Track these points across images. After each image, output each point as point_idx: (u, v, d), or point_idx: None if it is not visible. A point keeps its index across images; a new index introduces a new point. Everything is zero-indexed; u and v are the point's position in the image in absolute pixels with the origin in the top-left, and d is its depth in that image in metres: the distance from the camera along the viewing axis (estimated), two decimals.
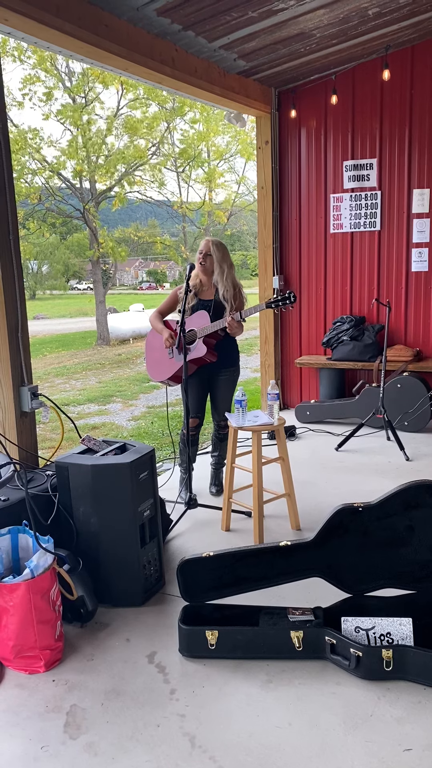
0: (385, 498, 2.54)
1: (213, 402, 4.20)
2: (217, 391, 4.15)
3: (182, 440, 4.22)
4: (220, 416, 4.21)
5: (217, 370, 4.07)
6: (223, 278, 3.96)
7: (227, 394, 4.17)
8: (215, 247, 3.99)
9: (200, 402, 4.14)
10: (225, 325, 3.81)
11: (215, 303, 3.99)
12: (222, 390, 4.14)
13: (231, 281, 3.99)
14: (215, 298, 4.00)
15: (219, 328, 3.85)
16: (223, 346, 4.00)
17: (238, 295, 3.99)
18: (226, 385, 4.14)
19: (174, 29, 4.15)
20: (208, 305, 3.97)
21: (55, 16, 3.34)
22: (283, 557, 2.63)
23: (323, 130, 5.94)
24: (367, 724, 2.17)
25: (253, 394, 7.54)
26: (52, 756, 2.09)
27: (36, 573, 2.48)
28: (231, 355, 4.12)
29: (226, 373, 4.12)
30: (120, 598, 2.96)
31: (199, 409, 4.14)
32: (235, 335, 3.95)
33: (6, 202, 3.17)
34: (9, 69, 22.29)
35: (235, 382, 4.19)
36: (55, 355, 15.27)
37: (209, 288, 4.03)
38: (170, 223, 26.88)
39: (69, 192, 16.93)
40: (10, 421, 3.32)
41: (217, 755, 2.06)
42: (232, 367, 4.14)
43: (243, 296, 4.03)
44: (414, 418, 5.46)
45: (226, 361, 4.06)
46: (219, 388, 4.14)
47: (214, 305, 3.98)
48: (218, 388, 4.14)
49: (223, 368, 4.08)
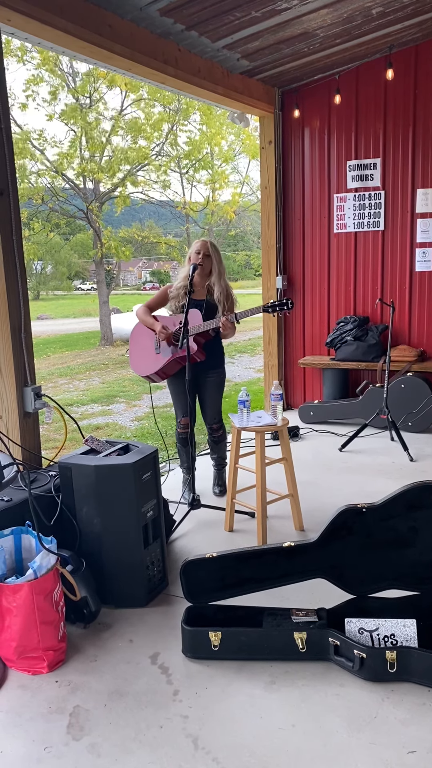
0: (389, 499, 2.53)
1: (202, 405, 4.17)
2: (205, 394, 4.12)
3: (178, 440, 4.21)
4: (211, 420, 4.18)
5: (204, 371, 4.04)
6: (220, 281, 3.96)
7: (216, 396, 4.15)
8: (213, 248, 3.98)
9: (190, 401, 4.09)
10: (218, 325, 3.81)
11: (207, 303, 3.97)
12: (210, 392, 4.12)
13: (225, 284, 3.99)
14: (207, 299, 3.99)
15: (211, 327, 3.84)
16: (209, 347, 3.99)
17: (230, 298, 3.98)
18: (214, 386, 4.12)
19: (177, 29, 4.14)
20: (200, 305, 3.95)
21: (58, 16, 3.34)
22: (287, 558, 2.62)
23: (327, 129, 5.93)
24: (371, 726, 2.17)
25: (256, 395, 7.53)
26: (54, 757, 2.08)
27: (39, 574, 2.48)
28: (217, 357, 4.11)
29: (213, 374, 4.10)
30: (123, 599, 2.95)
31: (189, 409, 4.11)
32: (226, 337, 3.95)
33: (9, 203, 3.17)
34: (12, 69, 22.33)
35: (222, 384, 4.17)
36: (59, 356, 15.28)
37: (201, 288, 4.01)
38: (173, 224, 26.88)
39: (73, 192, 16.95)
40: (13, 422, 3.32)
41: (220, 757, 2.06)
42: (218, 368, 4.13)
43: (234, 299, 4.03)
44: (418, 419, 5.45)
45: (212, 362, 4.04)
46: (207, 390, 4.11)
47: (206, 306, 3.96)
48: (206, 390, 4.11)
49: (210, 369, 4.06)
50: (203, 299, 3.98)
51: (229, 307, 3.97)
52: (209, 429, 4.25)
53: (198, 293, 4.00)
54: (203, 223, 22.37)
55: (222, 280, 3.97)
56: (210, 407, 4.15)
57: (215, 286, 3.96)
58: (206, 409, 4.17)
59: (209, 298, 3.98)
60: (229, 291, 4.00)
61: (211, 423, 4.20)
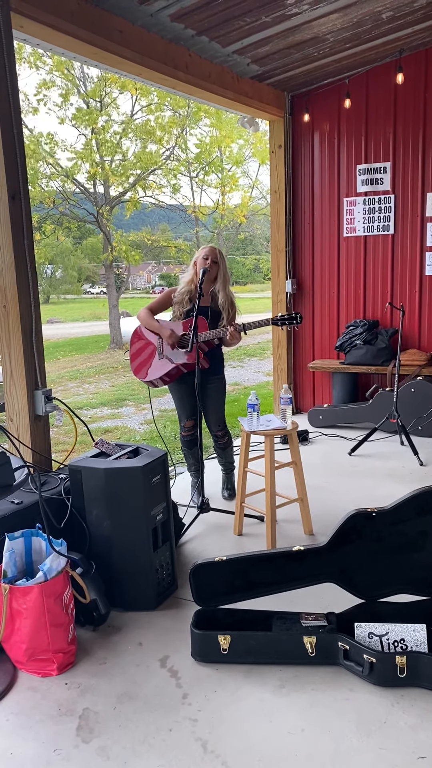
0: (399, 503, 2.53)
1: (205, 413, 4.14)
2: (207, 400, 4.08)
3: (183, 444, 4.21)
4: (215, 427, 4.17)
5: (206, 378, 3.99)
6: (225, 288, 3.96)
7: (218, 402, 4.14)
8: (220, 255, 3.98)
9: (192, 403, 4.07)
10: (225, 334, 3.81)
11: (211, 310, 3.97)
12: (212, 398, 4.10)
13: (229, 291, 4.00)
14: (211, 306, 3.98)
15: (218, 336, 3.85)
16: (211, 355, 3.99)
17: (233, 306, 3.99)
18: (216, 393, 4.10)
19: (187, 34, 4.17)
20: (205, 312, 3.95)
21: (69, 23, 3.37)
22: (296, 562, 2.62)
23: (336, 133, 5.93)
24: (381, 731, 2.16)
25: (265, 399, 7.53)
26: (64, 759, 2.09)
27: (49, 576, 2.49)
28: (218, 364, 4.10)
29: (214, 380, 4.08)
30: (133, 602, 2.96)
31: (192, 412, 4.11)
32: (231, 345, 3.95)
33: (21, 207, 3.19)
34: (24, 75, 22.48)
35: (224, 391, 4.17)
36: (69, 359, 15.34)
37: (206, 295, 4.00)
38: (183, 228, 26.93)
39: (83, 196, 17.03)
40: (24, 425, 3.34)
41: (229, 761, 2.05)
42: (219, 375, 4.11)
43: (237, 307, 4.03)
44: (428, 423, 5.42)
45: (213, 369, 4.03)
46: (209, 396, 4.08)
47: (211, 312, 3.96)
48: (208, 396, 4.07)
49: (211, 376, 4.03)
50: (208, 306, 3.98)
51: (233, 315, 3.98)
52: (214, 437, 4.23)
53: (203, 299, 4.01)
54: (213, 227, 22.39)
55: (227, 288, 3.98)
56: (213, 414, 4.14)
57: (219, 294, 3.96)
58: (210, 416, 4.15)
59: (213, 305, 3.99)
60: (233, 299, 4.01)
61: (216, 431, 4.18)
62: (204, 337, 3.84)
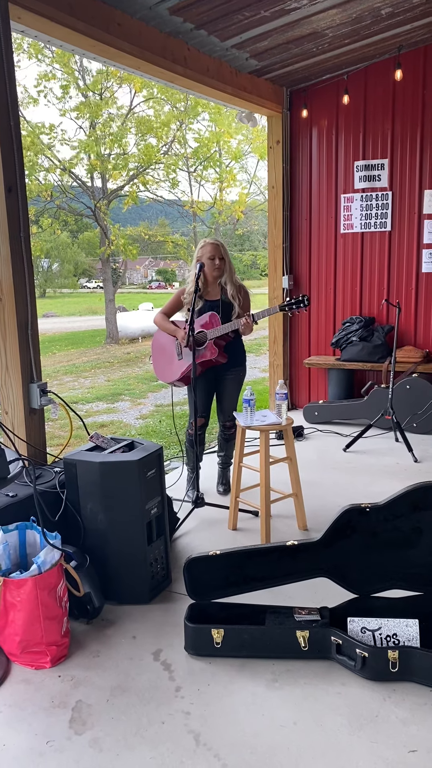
0: (393, 499, 2.54)
1: (219, 402, 4.19)
2: (223, 391, 4.14)
3: (188, 440, 4.22)
4: (226, 416, 4.20)
5: (225, 369, 4.06)
6: (232, 278, 3.97)
7: (234, 394, 4.16)
8: (223, 249, 3.98)
9: (206, 402, 4.13)
10: (239, 327, 3.81)
11: (223, 303, 3.98)
12: (228, 389, 4.13)
13: (236, 280, 4.00)
14: (222, 299, 3.99)
15: (231, 329, 3.84)
16: (231, 347, 4.00)
17: (242, 291, 4.00)
18: (233, 384, 4.13)
19: (186, 28, 4.15)
20: (215, 306, 3.96)
21: (68, 15, 3.35)
22: (290, 557, 2.63)
23: (335, 130, 5.92)
24: (372, 724, 2.17)
25: (261, 394, 7.54)
26: (57, 751, 2.10)
27: (43, 569, 2.49)
28: (238, 356, 4.12)
29: (233, 372, 4.11)
30: (127, 596, 2.97)
31: (204, 409, 4.13)
32: (245, 335, 3.95)
33: (17, 200, 3.18)
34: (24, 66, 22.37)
35: (241, 382, 4.18)
36: (65, 353, 15.31)
37: (214, 288, 4.01)
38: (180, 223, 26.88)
39: (80, 190, 16.96)
40: (19, 418, 3.33)
41: (222, 753, 2.06)
42: (239, 366, 4.14)
43: (247, 291, 4.04)
44: (423, 420, 5.44)
45: (233, 361, 4.05)
46: (225, 387, 4.13)
47: (222, 306, 3.97)
48: (225, 387, 4.13)
49: (231, 368, 4.07)
50: (218, 299, 3.99)
51: (245, 301, 3.98)
52: (222, 426, 4.26)
53: (211, 293, 4.01)
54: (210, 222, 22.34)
55: (234, 277, 3.98)
56: (227, 404, 4.17)
57: (227, 285, 3.96)
58: (223, 406, 4.19)
59: (223, 296, 3.99)
60: (242, 285, 4.02)
61: (225, 420, 4.22)
62: (218, 332, 3.84)
